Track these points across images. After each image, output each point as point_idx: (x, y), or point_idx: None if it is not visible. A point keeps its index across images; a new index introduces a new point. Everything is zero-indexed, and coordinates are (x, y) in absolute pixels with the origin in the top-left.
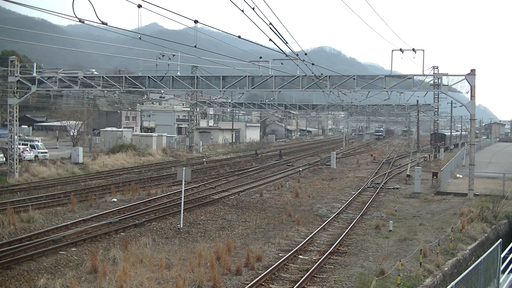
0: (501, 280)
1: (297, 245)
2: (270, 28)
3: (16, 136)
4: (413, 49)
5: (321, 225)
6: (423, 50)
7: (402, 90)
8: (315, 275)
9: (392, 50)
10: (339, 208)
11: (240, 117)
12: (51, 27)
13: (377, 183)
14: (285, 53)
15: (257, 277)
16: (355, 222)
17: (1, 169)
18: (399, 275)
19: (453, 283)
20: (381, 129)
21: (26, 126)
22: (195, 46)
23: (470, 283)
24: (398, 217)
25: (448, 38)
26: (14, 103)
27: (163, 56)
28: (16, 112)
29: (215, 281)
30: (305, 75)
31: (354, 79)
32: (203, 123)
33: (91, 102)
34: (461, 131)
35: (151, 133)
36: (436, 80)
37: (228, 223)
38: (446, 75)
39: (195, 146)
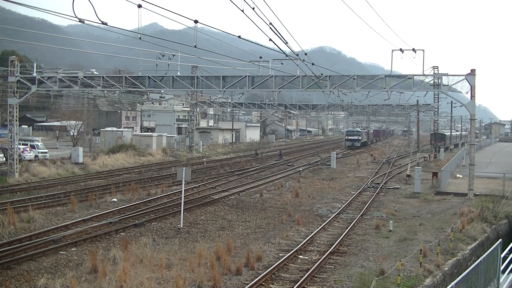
0: (501, 280)
1: (297, 245)
2: (270, 28)
3: (16, 136)
4: (413, 49)
5: (321, 225)
6: (423, 50)
7: (402, 90)
8: (315, 275)
9: (392, 50)
10: (339, 208)
11: (240, 117)
12: (51, 27)
13: (377, 183)
14: (285, 53)
15: (257, 277)
16: (355, 222)
17: (1, 169)
18: (399, 275)
19: (453, 283)
20: (358, 129)
21: (26, 126)
22: (195, 46)
23: (470, 283)
24: (398, 217)
25: (448, 38)
26: (14, 103)
27: (163, 56)
28: (16, 112)
29: (215, 281)
30: (305, 75)
31: (354, 79)
32: (203, 123)
33: (91, 102)
34: (461, 131)
35: (151, 133)
36: (436, 80)
37: (228, 223)
38: (446, 75)
39: (195, 146)
